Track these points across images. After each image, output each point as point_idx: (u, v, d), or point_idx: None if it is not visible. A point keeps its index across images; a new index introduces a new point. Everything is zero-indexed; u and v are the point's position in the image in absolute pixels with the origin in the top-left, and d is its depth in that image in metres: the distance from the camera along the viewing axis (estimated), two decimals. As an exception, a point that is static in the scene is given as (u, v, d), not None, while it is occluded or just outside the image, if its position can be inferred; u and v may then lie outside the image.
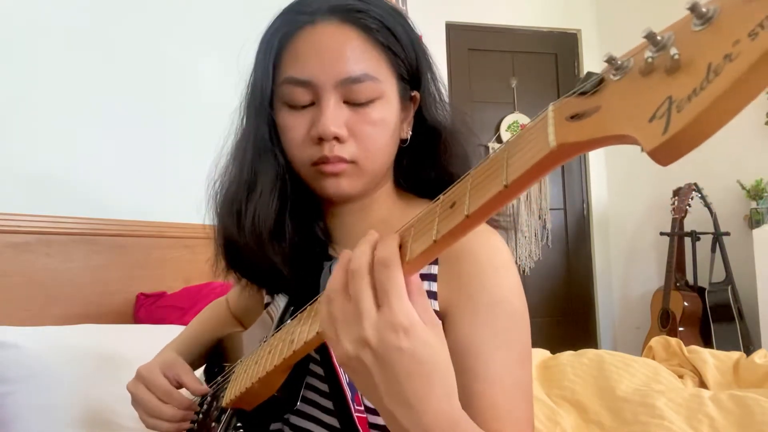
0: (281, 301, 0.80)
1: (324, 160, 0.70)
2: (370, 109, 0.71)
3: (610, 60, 0.31)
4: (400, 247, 0.47)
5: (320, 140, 0.70)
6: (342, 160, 0.70)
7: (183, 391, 0.86)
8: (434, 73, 0.79)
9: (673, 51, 0.27)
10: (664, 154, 0.27)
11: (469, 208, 0.40)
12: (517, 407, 0.65)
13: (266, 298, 0.87)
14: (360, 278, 0.47)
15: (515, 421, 0.64)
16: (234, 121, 0.81)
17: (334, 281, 0.49)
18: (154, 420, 0.83)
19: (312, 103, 0.71)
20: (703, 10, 0.27)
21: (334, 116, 0.69)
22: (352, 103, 0.70)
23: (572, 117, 0.33)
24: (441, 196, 0.46)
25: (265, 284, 0.82)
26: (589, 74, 0.33)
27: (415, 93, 0.77)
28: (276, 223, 0.75)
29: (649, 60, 0.29)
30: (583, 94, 0.33)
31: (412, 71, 0.76)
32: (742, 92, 0.25)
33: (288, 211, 0.76)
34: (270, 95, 0.74)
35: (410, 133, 0.78)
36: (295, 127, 0.72)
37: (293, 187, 0.77)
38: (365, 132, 0.71)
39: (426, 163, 0.79)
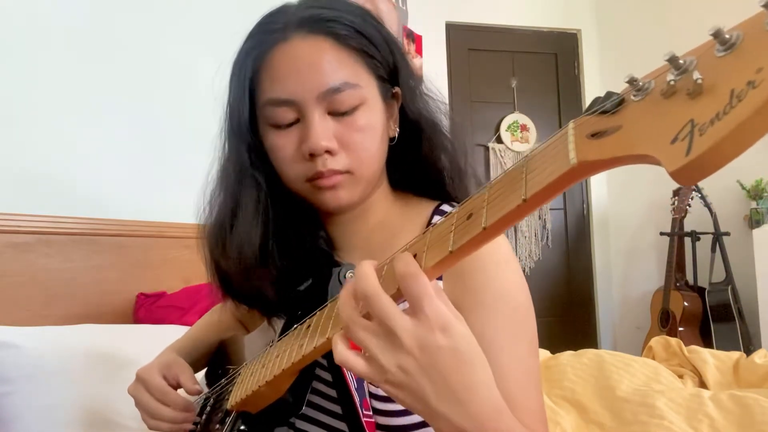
0: None
1: (319, 176, 0.70)
2: (355, 117, 0.71)
3: (632, 81, 0.31)
4: (414, 258, 0.48)
5: (311, 156, 0.70)
6: (336, 172, 0.70)
7: (182, 391, 0.86)
8: (410, 68, 0.79)
9: (696, 75, 0.27)
10: (687, 175, 0.28)
11: (487, 220, 0.40)
12: (530, 397, 0.65)
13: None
14: (377, 297, 0.47)
15: (530, 410, 0.64)
16: (216, 147, 0.80)
17: (345, 312, 0.49)
18: (155, 421, 0.83)
19: (297, 120, 0.71)
20: (727, 36, 0.27)
21: (322, 130, 0.69)
22: (336, 114, 0.70)
23: (593, 135, 0.33)
24: (457, 207, 0.47)
25: (258, 309, 0.82)
26: (609, 94, 0.33)
27: (396, 90, 0.77)
28: (261, 249, 0.75)
29: (671, 83, 0.29)
30: (604, 113, 0.33)
31: (389, 69, 0.76)
32: (764, 118, 0.25)
33: (272, 235, 0.76)
34: (248, 119, 0.73)
35: (397, 130, 0.78)
36: (284, 146, 0.72)
37: (275, 209, 0.76)
38: (355, 140, 0.71)
39: (413, 158, 0.79)
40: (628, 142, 0.31)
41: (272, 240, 0.76)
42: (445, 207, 0.79)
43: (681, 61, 0.29)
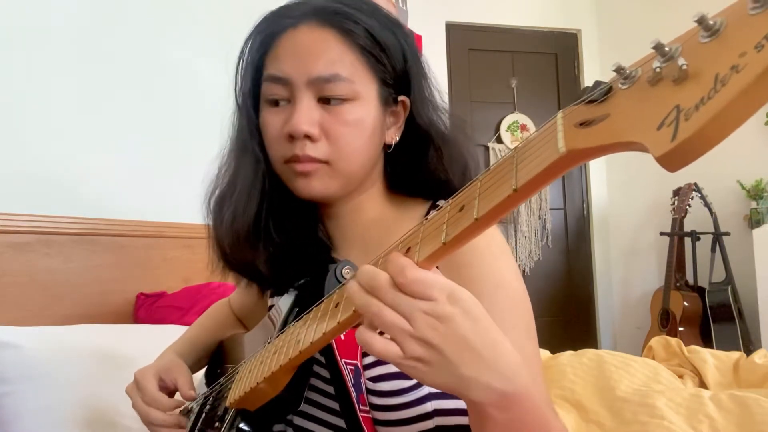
0: (285, 303, 0.80)
1: (295, 159, 0.72)
2: (343, 110, 0.71)
3: (619, 69, 0.32)
4: (408, 251, 0.48)
5: (292, 138, 0.71)
6: (313, 159, 0.71)
7: (178, 395, 0.86)
8: (428, 80, 0.79)
9: (681, 62, 0.28)
10: (673, 160, 0.28)
11: (479, 211, 0.41)
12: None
13: (269, 301, 0.87)
14: (386, 289, 0.47)
15: None
16: (228, 127, 0.83)
17: (362, 300, 0.49)
18: (148, 424, 0.84)
19: (289, 101, 0.73)
20: (711, 22, 0.28)
21: (307, 115, 0.70)
22: (326, 103, 0.72)
23: (581, 124, 0.33)
24: (450, 200, 0.47)
25: (257, 283, 0.83)
26: (597, 83, 0.34)
27: (403, 98, 0.77)
28: (255, 221, 0.77)
29: (657, 70, 0.29)
30: (591, 102, 0.34)
31: (397, 76, 0.76)
32: (748, 102, 0.25)
33: (267, 210, 0.77)
34: (252, 94, 0.76)
35: (398, 138, 0.78)
36: (272, 123, 0.74)
37: (273, 186, 0.78)
38: (339, 132, 0.71)
39: (418, 167, 0.79)
40: (615, 129, 0.31)
41: (267, 214, 0.77)
42: (442, 203, 0.79)
43: (666, 49, 0.29)
